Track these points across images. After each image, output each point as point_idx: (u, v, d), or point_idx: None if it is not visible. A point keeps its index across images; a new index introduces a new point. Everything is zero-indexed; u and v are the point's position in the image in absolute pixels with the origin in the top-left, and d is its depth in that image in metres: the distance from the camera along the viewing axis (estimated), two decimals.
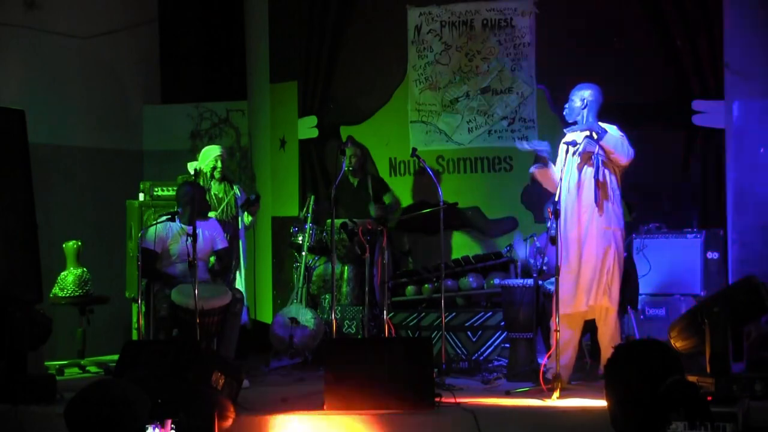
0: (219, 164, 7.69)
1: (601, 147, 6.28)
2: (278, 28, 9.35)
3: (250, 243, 8.18)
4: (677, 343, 6.05)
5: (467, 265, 7.77)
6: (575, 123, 6.47)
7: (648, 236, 7.49)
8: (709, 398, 5.04)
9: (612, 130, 6.36)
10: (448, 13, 8.51)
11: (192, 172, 7.47)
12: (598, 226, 6.32)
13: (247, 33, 9.82)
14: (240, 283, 7.70)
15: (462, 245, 8.42)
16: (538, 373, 6.27)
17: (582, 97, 6.45)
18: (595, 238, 6.32)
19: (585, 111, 6.43)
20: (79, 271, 8.00)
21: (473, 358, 7.43)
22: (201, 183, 7.61)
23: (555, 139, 6.67)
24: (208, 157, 7.74)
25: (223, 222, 7.58)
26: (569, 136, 6.45)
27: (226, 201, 7.72)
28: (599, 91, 6.47)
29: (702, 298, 7.03)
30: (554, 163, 6.53)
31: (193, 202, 7.03)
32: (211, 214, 7.54)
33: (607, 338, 6.34)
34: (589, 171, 6.35)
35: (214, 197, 7.71)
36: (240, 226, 7.74)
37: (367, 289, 7.42)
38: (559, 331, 6.13)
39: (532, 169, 6.66)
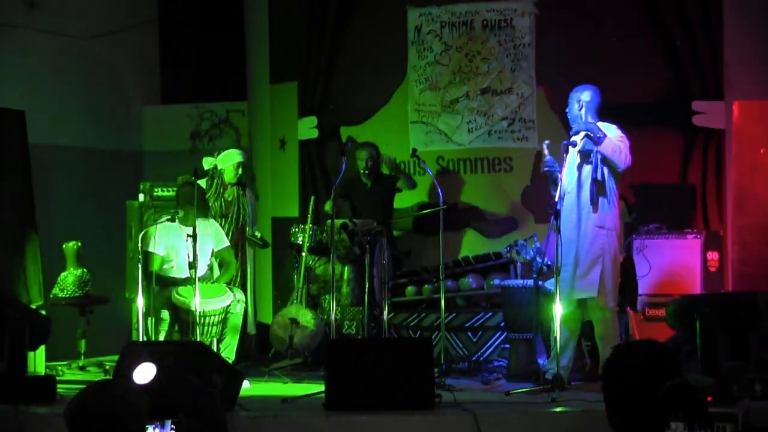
0: (239, 171, 7.74)
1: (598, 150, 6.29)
2: (278, 28, 9.33)
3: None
4: (668, 320, 6.08)
5: (467, 266, 7.77)
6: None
7: (648, 236, 7.47)
8: (710, 398, 5.06)
9: (611, 131, 6.36)
10: (448, 14, 8.49)
11: (207, 167, 7.53)
12: (592, 225, 6.33)
13: (247, 33, 9.81)
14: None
15: (463, 246, 8.42)
16: (538, 374, 6.27)
17: (578, 99, 6.49)
18: (588, 238, 6.33)
19: (582, 112, 6.45)
20: (79, 271, 7.99)
21: (473, 358, 7.43)
22: (214, 183, 7.64)
23: (555, 140, 6.66)
24: (229, 161, 7.75)
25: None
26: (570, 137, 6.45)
27: (235, 205, 7.75)
28: (596, 92, 6.48)
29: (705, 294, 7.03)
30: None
31: (193, 203, 7.03)
32: (215, 224, 7.44)
33: (604, 339, 6.34)
34: (587, 169, 6.36)
35: (223, 201, 7.72)
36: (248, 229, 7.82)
37: (367, 289, 7.42)
38: (558, 331, 6.14)
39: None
